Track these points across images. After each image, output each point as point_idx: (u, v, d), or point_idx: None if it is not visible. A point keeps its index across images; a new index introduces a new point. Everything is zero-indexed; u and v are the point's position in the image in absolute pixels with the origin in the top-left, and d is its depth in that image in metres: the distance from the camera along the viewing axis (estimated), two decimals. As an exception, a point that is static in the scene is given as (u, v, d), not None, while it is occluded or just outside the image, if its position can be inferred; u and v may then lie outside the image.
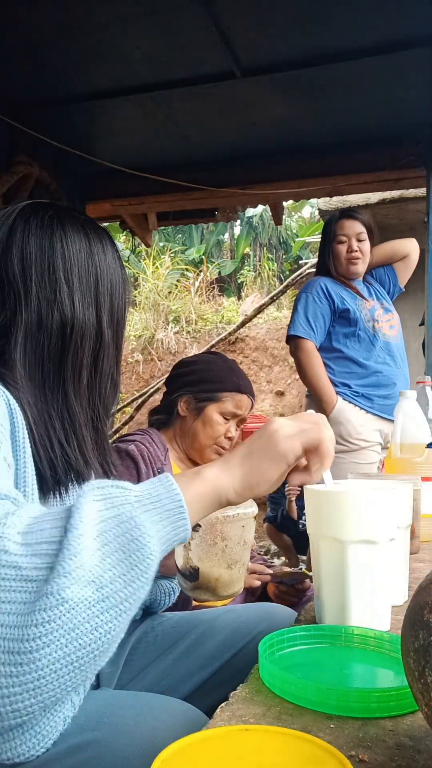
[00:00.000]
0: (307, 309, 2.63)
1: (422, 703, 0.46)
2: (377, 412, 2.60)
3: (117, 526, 0.61)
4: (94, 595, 0.59)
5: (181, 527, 0.66)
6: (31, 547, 0.60)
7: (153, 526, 0.63)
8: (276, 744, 0.51)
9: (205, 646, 1.08)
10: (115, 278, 0.93)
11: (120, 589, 0.60)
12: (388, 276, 2.87)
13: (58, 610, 0.57)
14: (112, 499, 0.63)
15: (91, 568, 0.59)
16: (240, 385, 1.70)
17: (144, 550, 0.61)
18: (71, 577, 0.57)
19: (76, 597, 0.57)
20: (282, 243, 14.96)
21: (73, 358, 0.87)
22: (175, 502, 0.65)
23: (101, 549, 0.60)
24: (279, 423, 0.76)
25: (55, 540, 0.60)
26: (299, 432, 0.75)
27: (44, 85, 2.78)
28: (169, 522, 0.65)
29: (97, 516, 0.61)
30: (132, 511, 0.62)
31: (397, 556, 0.93)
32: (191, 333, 10.38)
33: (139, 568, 0.61)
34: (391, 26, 2.35)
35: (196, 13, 2.26)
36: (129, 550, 0.61)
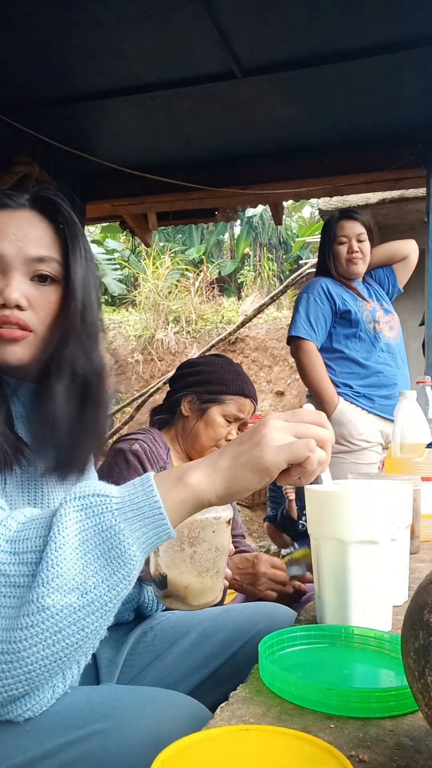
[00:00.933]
0: (309, 310, 2.63)
1: (422, 703, 0.46)
2: (378, 413, 2.60)
3: (97, 535, 0.64)
4: (78, 601, 0.63)
5: (162, 532, 0.67)
6: (18, 556, 0.64)
7: (133, 533, 0.65)
8: (276, 744, 0.51)
9: (204, 646, 1.08)
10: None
11: (104, 593, 0.64)
12: (387, 277, 2.87)
13: (40, 616, 0.62)
14: (92, 508, 0.65)
15: (74, 577, 0.62)
16: (244, 389, 1.70)
17: (125, 556, 0.64)
18: (50, 587, 0.62)
19: (58, 604, 0.62)
20: (282, 243, 14.95)
21: None
22: (155, 510, 0.66)
23: (83, 557, 0.63)
24: (271, 426, 0.72)
25: (38, 549, 0.64)
26: (288, 446, 0.70)
27: (44, 85, 2.78)
28: (149, 528, 0.66)
29: (78, 526, 0.64)
30: (112, 519, 0.64)
31: (398, 556, 0.93)
32: (191, 333, 10.38)
33: (122, 573, 0.64)
34: (391, 26, 2.35)
35: (196, 13, 2.26)
36: (110, 557, 0.64)
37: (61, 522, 0.64)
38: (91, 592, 0.63)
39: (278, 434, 0.71)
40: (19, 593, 0.63)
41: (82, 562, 0.63)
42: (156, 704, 0.77)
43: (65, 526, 0.63)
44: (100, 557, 0.64)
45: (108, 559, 0.64)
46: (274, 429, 0.72)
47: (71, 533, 0.63)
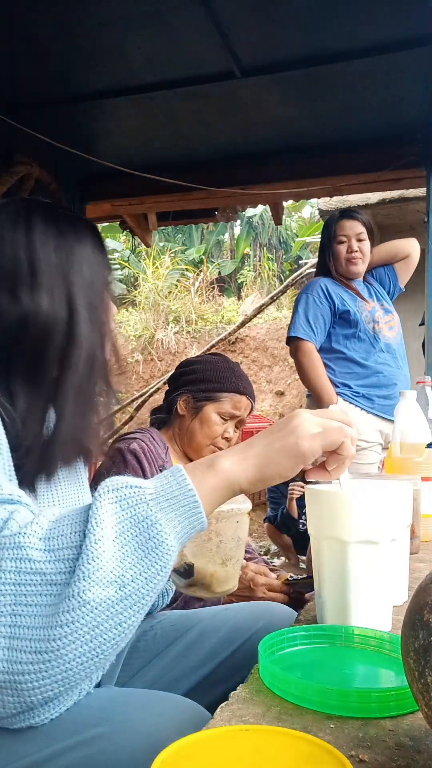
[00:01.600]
0: (308, 310, 2.63)
1: (422, 703, 0.46)
2: (378, 413, 2.60)
3: (134, 527, 0.63)
4: (116, 594, 0.62)
5: (196, 521, 0.67)
6: (53, 553, 0.63)
7: (169, 523, 0.64)
8: (276, 744, 0.51)
9: (203, 644, 1.08)
10: (90, 270, 0.90)
11: (141, 586, 0.63)
12: (388, 276, 2.87)
13: (81, 611, 0.60)
14: (127, 500, 0.65)
15: (112, 569, 0.61)
16: (239, 386, 1.70)
17: (162, 547, 0.63)
18: (91, 580, 0.60)
19: (98, 598, 0.61)
20: (282, 243, 14.96)
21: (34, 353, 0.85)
22: (189, 498, 0.66)
23: (120, 550, 0.62)
24: (303, 418, 0.74)
25: (75, 545, 0.63)
26: (322, 433, 0.73)
27: (44, 85, 2.78)
28: (184, 518, 0.66)
29: (114, 518, 0.63)
30: (147, 510, 0.64)
31: (398, 556, 0.93)
32: (191, 333, 10.38)
33: (159, 565, 0.64)
34: (391, 26, 2.35)
35: (196, 13, 2.26)
36: (147, 548, 0.63)
37: (98, 515, 0.63)
38: (129, 585, 0.62)
39: (311, 425, 0.73)
40: (57, 591, 0.62)
41: (119, 555, 0.62)
42: (156, 708, 0.77)
43: (102, 518, 0.63)
44: (137, 549, 0.63)
45: (145, 551, 0.63)
46: (307, 420, 0.74)
47: (108, 525, 0.63)
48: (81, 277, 0.89)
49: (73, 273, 0.88)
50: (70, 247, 0.89)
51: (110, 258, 0.97)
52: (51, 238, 0.88)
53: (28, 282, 0.85)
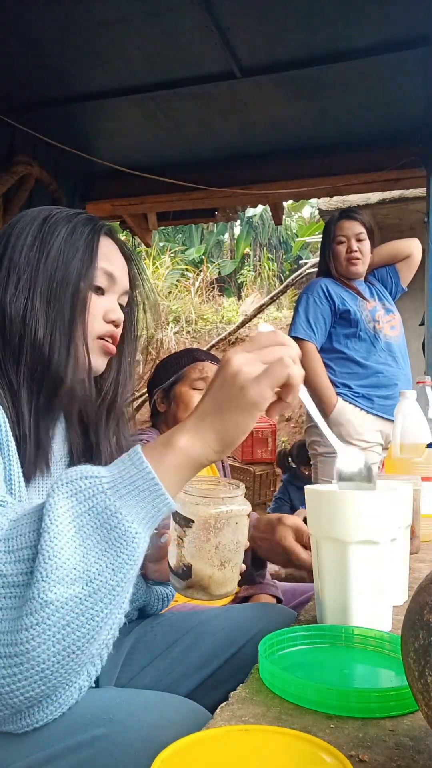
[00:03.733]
0: (308, 310, 2.63)
1: (422, 703, 0.46)
2: (378, 413, 2.60)
3: (94, 519, 0.62)
4: (83, 590, 0.60)
5: (161, 503, 0.64)
6: (13, 554, 0.62)
7: (131, 510, 0.63)
8: (276, 744, 0.51)
9: (204, 646, 1.08)
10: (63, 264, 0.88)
11: (110, 578, 0.61)
12: (390, 276, 2.87)
13: (45, 612, 0.59)
14: (83, 491, 0.63)
15: (75, 566, 0.60)
16: (194, 356, 1.75)
17: (126, 535, 0.62)
18: (51, 579, 0.59)
19: (63, 596, 0.59)
20: (282, 243, 14.96)
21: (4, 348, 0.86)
22: (149, 481, 0.64)
23: (82, 545, 0.61)
24: (238, 362, 0.68)
25: (33, 544, 0.61)
26: (265, 374, 0.67)
27: (44, 85, 2.78)
28: (147, 502, 0.64)
29: (72, 512, 0.62)
30: (106, 500, 0.62)
31: (398, 556, 0.93)
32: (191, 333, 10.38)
33: (126, 554, 0.62)
34: (391, 26, 2.35)
35: (196, 14, 2.26)
36: (111, 539, 0.61)
37: (52, 511, 0.61)
38: (97, 579, 0.61)
39: (249, 367, 0.68)
40: (19, 592, 0.61)
41: (81, 550, 0.61)
42: (158, 709, 0.76)
43: (57, 514, 0.61)
44: (100, 541, 0.61)
45: (109, 542, 0.61)
46: (243, 364, 0.68)
47: (65, 521, 0.61)
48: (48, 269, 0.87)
49: (41, 266, 0.87)
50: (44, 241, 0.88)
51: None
52: (30, 236, 0.89)
53: (4, 277, 0.86)
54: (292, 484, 4.13)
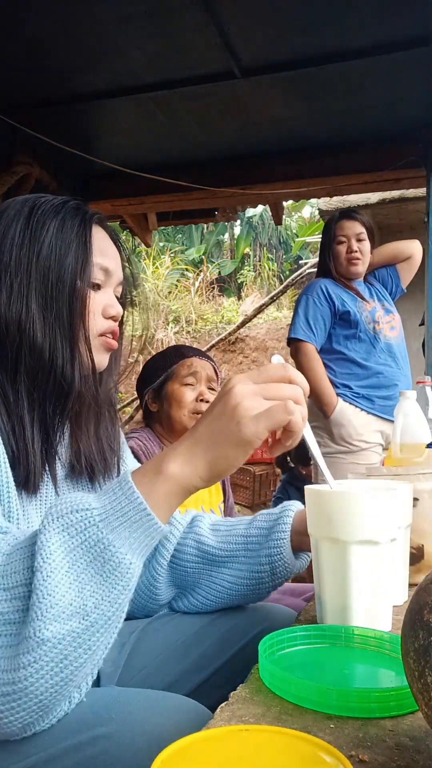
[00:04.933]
0: (308, 311, 2.64)
1: (422, 703, 0.46)
2: (378, 413, 2.60)
3: (87, 553, 0.61)
4: (80, 624, 0.60)
5: (154, 531, 0.64)
6: (8, 592, 0.61)
7: (124, 541, 0.62)
8: (276, 744, 0.51)
9: (204, 646, 1.08)
10: (57, 262, 0.83)
11: (106, 610, 0.61)
12: (390, 277, 2.87)
13: (42, 650, 0.59)
14: (75, 526, 0.62)
15: (71, 602, 0.59)
16: (182, 352, 1.76)
17: (120, 567, 0.61)
18: (46, 618, 0.59)
19: (60, 633, 0.59)
20: (282, 243, 14.97)
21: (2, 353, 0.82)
22: (141, 512, 0.63)
23: (77, 580, 0.60)
24: (240, 394, 0.66)
25: (27, 582, 0.61)
26: (266, 415, 0.65)
27: (44, 85, 2.78)
28: (140, 532, 0.63)
29: (64, 548, 0.61)
30: (98, 533, 0.61)
31: (398, 556, 0.93)
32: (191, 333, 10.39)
33: (121, 585, 0.62)
34: (391, 26, 2.35)
35: (196, 14, 2.26)
36: (105, 572, 0.61)
37: (44, 548, 0.60)
38: (93, 613, 0.61)
39: (250, 402, 0.66)
40: (15, 630, 0.60)
41: (76, 585, 0.60)
42: (160, 708, 0.76)
43: (50, 551, 0.60)
44: (95, 575, 0.61)
45: (104, 575, 0.61)
46: (245, 396, 0.66)
47: (58, 557, 0.60)
48: (41, 270, 0.83)
49: (33, 266, 0.83)
50: (34, 237, 0.83)
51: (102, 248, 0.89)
52: (18, 233, 0.83)
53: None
54: (292, 484, 4.13)
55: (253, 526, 1.04)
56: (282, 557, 1.00)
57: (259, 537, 1.02)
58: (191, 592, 1.08)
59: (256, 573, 1.02)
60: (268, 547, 1.01)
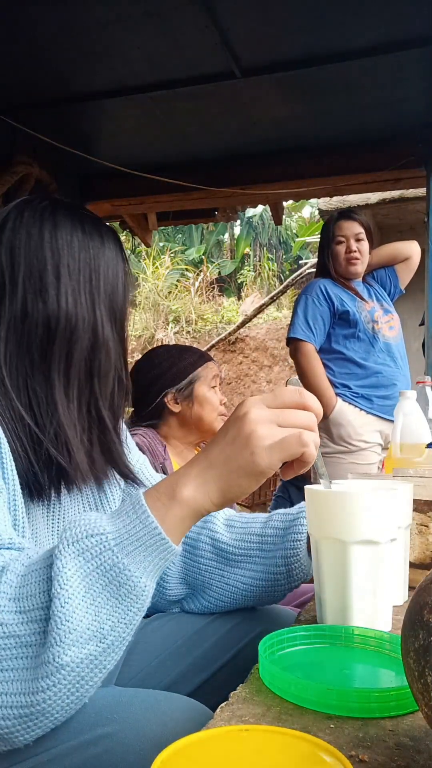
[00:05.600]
0: (307, 311, 2.64)
1: (422, 703, 0.46)
2: (377, 413, 2.60)
3: (102, 577, 0.62)
4: (97, 648, 0.61)
5: (167, 554, 0.65)
6: (26, 615, 0.62)
7: (139, 565, 0.63)
8: (276, 744, 0.51)
9: (204, 647, 1.08)
10: (114, 274, 0.89)
11: (121, 632, 0.63)
12: (389, 277, 2.87)
13: (60, 674, 0.60)
14: (90, 550, 0.63)
15: (88, 626, 0.60)
16: (202, 356, 1.83)
17: (136, 590, 0.62)
18: (64, 644, 0.59)
19: (77, 658, 0.60)
20: (282, 243, 14.96)
21: (60, 354, 0.84)
22: (156, 537, 0.64)
23: (93, 604, 0.61)
24: (254, 420, 0.66)
25: (44, 606, 0.61)
26: (279, 446, 0.66)
27: (44, 85, 2.78)
28: (154, 555, 0.64)
29: (80, 573, 0.62)
30: (113, 558, 0.62)
31: (398, 556, 0.93)
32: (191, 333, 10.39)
33: (136, 607, 0.63)
34: (391, 26, 2.35)
35: (196, 13, 2.26)
36: (121, 595, 0.62)
37: (62, 574, 0.61)
38: (110, 636, 0.62)
39: (264, 429, 0.66)
40: (33, 652, 0.61)
41: (93, 609, 0.61)
42: (161, 708, 0.76)
43: (66, 577, 0.61)
44: (110, 599, 0.62)
45: (119, 598, 0.62)
46: (259, 423, 0.66)
47: (74, 582, 0.61)
48: (105, 281, 0.88)
49: (97, 277, 0.87)
50: (95, 249, 0.88)
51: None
52: (76, 240, 0.87)
53: (54, 283, 0.84)
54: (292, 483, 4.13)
55: (269, 526, 1.04)
56: (298, 558, 1.00)
57: (275, 537, 1.02)
58: (203, 592, 1.08)
59: (273, 574, 1.01)
60: (285, 548, 1.00)
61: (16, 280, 0.84)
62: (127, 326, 0.94)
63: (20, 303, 0.83)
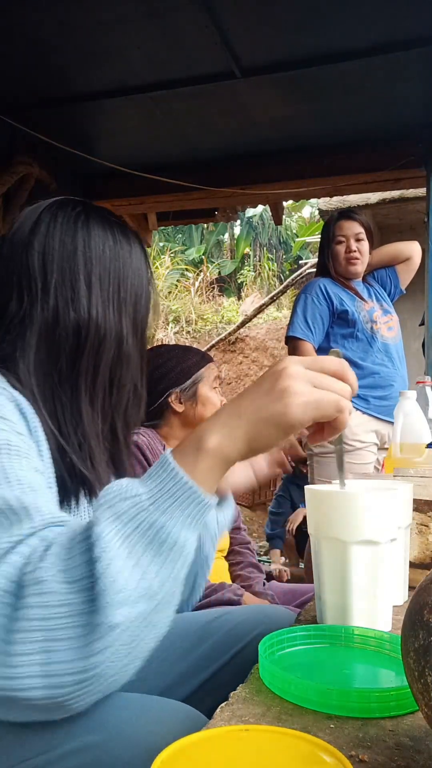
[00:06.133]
0: (306, 310, 2.64)
1: (422, 703, 0.46)
2: (374, 413, 2.60)
3: (142, 537, 0.63)
4: (149, 605, 0.62)
5: (203, 506, 0.65)
6: (74, 584, 0.62)
7: (176, 521, 0.63)
8: (276, 744, 0.51)
9: (203, 648, 1.08)
10: (139, 284, 0.89)
11: (170, 587, 0.63)
12: (389, 277, 2.87)
13: (114, 634, 0.60)
14: (127, 512, 0.63)
15: (136, 585, 0.61)
16: (204, 357, 1.84)
17: (177, 545, 0.63)
18: (115, 603, 0.60)
19: (130, 616, 0.61)
20: (282, 243, 14.96)
21: (87, 364, 0.84)
22: (187, 490, 0.64)
23: (137, 564, 0.62)
24: (293, 377, 0.66)
25: (89, 574, 0.62)
26: (315, 405, 0.65)
27: (44, 85, 2.78)
28: (190, 509, 0.64)
29: (120, 535, 0.62)
30: (150, 517, 0.63)
31: (398, 556, 0.93)
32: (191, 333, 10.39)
33: (180, 561, 0.64)
34: (391, 26, 2.35)
35: (196, 14, 2.26)
36: (163, 552, 0.63)
37: (101, 539, 0.62)
38: (160, 593, 0.62)
39: (301, 386, 0.65)
40: (86, 619, 0.61)
41: (138, 569, 0.61)
42: (154, 714, 0.76)
43: (107, 541, 0.61)
44: (155, 557, 0.62)
45: (162, 555, 0.62)
46: (297, 379, 0.65)
47: (115, 545, 0.61)
48: (131, 292, 0.88)
49: (125, 288, 0.87)
50: (124, 259, 0.88)
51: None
52: (108, 249, 0.86)
53: (86, 293, 0.84)
54: (293, 482, 4.13)
55: None
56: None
57: None
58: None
59: None
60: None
61: (48, 287, 0.83)
62: (147, 337, 0.93)
63: (52, 311, 0.82)
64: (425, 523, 1.00)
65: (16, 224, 0.87)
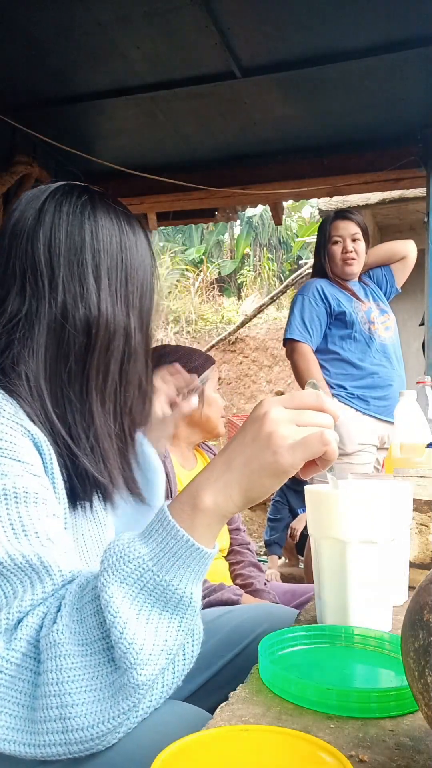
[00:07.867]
0: (303, 312, 2.64)
1: (422, 703, 0.46)
2: (373, 414, 2.60)
3: (149, 597, 0.64)
4: (167, 658, 0.65)
5: (205, 559, 0.66)
6: (89, 647, 0.64)
7: (181, 577, 0.64)
8: (276, 744, 0.51)
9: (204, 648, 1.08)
10: (145, 276, 0.85)
11: (184, 639, 0.66)
12: (385, 277, 2.87)
13: (140, 693, 0.63)
14: (131, 575, 0.64)
15: (153, 644, 0.63)
16: (208, 358, 1.86)
17: (184, 599, 0.64)
18: (138, 664, 0.62)
19: (152, 674, 0.63)
20: (282, 243, 14.96)
21: (98, 363, 0.81)
22: (189, 548, 0.64)
23: (149, 622, 0.64)
24: (274, 420, 0.65)
25: (103, 636, 0.64)
26: (302, 445, 0.65)
27: (44, 85, 2.78)
28: (193, 564, 0.65)
29: (127, 598, 0.64)
30: (155, 577, 0.64)
31: (398, 556, 0.93)
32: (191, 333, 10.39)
33: (189, 612, 0.65)
34: (391, 26, 2.35)
35: (196, 14, 2.26)
36: (171, 607, 0.64)
37: (111, 604, 0.63)
38: (175, 645, 0.64)
39: (285, 429, 0.65)
40: (107, 681, 0.64)
41: (152, 627, 0.63)
42: (158, 713, 0.76)
43: (116, 605, 0.62)
44: (163, 613, 0.64)
45: (171, 610, 0.64)
46: (280, 423, 0.65)
47: (124, 608, 0.62)
48: (137, 283, 0.84)
49: (132, 280, 0.84)
50: (131, 249, 0.84)
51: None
52: (115, 241, 0.83)
53: (94, 287, 0.80)
54: (291, 488, 4.12)
55: None
56: None
57: None
58: None
59: None
60: None
61: (55, 282, 0.79)
62: (152, 330, 0.89)
63: (60, 307, 0.79)
64: (425, 523, 1.01)
65: (17, 212, 0.83)
